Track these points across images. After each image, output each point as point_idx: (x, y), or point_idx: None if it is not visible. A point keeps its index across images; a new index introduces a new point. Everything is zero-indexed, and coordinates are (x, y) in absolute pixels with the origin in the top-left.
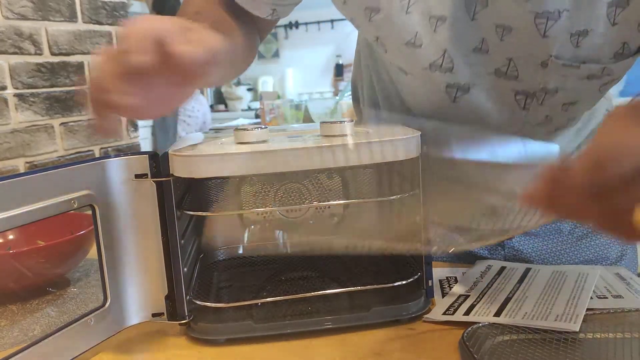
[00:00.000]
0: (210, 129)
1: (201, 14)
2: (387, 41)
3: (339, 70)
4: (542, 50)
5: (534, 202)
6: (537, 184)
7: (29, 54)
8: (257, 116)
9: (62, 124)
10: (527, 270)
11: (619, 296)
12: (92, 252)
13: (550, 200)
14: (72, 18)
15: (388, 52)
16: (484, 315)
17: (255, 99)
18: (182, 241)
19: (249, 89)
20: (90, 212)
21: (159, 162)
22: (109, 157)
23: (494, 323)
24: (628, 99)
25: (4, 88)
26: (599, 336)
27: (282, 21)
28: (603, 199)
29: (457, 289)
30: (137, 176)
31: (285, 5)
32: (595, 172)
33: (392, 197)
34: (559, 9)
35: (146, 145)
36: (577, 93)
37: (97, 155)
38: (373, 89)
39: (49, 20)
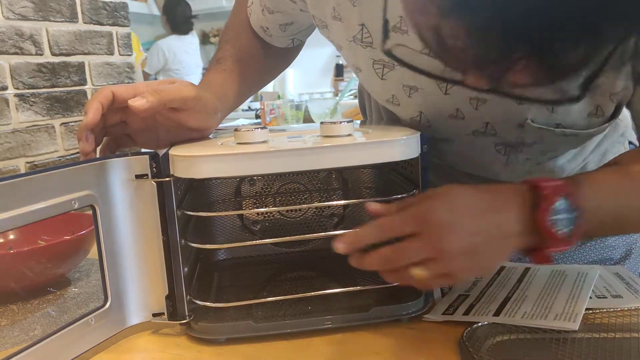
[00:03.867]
0: None
1: (237, 35)
2: (372, 94)
3: (339, 70)
4: (518, 115)
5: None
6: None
7: (30, 54)
8: (257, 116)
9: (62, 124)
10: (527, 269)
11: (618, 296)
12: (93, 252)
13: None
14: (72, 18)
15: (377, 100)
16: (483, 314)
17: (255, 99)
18: (183, 241)
19: None
20: (90, 212)
21: (159, 162)
22: (110, 157)
23: (493, 322)
24: None
25: (4, 88)
26: (597, 336)
27: None
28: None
29: (457, 289)
30: (138, 176)
31: (302, 31)
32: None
33: (392, 197)
34: None
35: None
36: (555, 145)
37: (97, 155)
38: (378, 109)
39: (50, 20)
